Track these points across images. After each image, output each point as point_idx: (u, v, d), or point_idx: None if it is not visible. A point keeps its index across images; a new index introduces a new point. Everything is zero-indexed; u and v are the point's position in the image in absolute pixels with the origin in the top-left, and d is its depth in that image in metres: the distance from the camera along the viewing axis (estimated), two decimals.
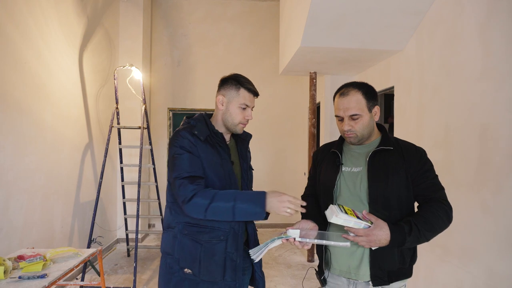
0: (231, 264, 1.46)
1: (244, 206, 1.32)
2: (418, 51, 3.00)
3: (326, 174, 1.56)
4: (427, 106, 2.85)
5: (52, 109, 3.25)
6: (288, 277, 3.87)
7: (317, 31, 3.08)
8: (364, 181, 1.43)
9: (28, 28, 2.87)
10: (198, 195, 1.35)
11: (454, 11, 2.52)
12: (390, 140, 1.49)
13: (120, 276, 3.85)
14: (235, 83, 1.54)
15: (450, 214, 1.37)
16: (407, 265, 1.43)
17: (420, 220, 1.31)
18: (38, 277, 1.83)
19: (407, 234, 1.27)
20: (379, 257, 1.38)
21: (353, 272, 1.44)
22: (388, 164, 1.42)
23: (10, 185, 2.66)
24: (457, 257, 2.46)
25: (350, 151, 1.56)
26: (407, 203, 1.41)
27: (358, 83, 1.49)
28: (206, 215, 1.34)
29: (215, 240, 1.45)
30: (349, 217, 1.25)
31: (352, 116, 1.43)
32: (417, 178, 1.40)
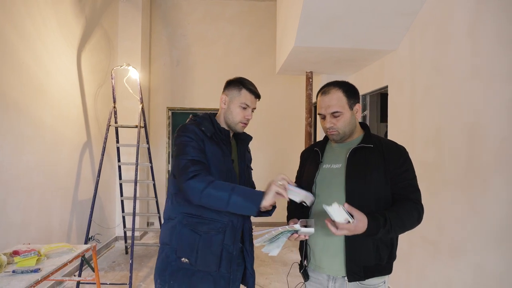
0: (227, 256, 1.51)
1: (239, 199, 1.36)
2: (411, 51, 3.03)
3: (308, 172, 1.61)
4: (419, 105, 2.88)
5: (51, 108, 3.30)
6: (284, 274, 3.91)
7: (310, 31, 3.11)
8: (342, 178, 1.46)
9: (26, 29, 2.93)
10: (199, 177, 1.38)
11: (444, 12, 2.55)
12: (372, 138, 1.52)
13: (117, 273, 3.90)
14: (238, 84, 1.64)
15: (422, 215, 1.42)
16: (384, 261, 1.45)
17: (393, 215, 1.34)
18: (31, 271, 1.88)
19: (381, 226, 1.31)
20: (354, 252, 1.41)
21: (329, 268, 1.48)
22: (367, 161, 1.45)
23: (8, 183, 2.71)
24: (446, 255, 2.49)
25: (332, 149, 1.60)
26: (384, 201, 1.43)
27: (339, 81, 1.53)
28: (201, 198, 1.37)
29: (213, 231, 1.50)
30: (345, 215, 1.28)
31: (333, 113, 1.47)
32: (395, 177, 1.43)
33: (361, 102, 1.33)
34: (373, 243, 1.41)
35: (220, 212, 1.49)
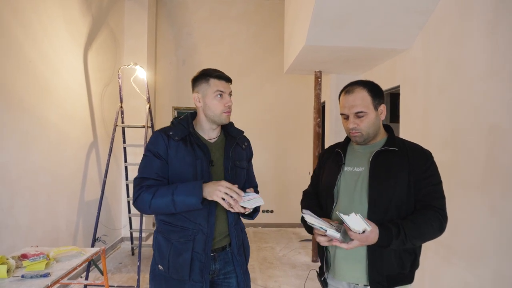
0: (199, 265, 1.47)
1: (181, 197, 1.38)
2: (425, 50, 2.96)
3: (328, 174, 1.55)
4: (434, 105, 2.81)
5: (57, 108, 3.26)
6: (293, 277, 3.86)
7: (322, 29, 3.05)
8: (364, 182, 1.40)
9: (32, 27, 2.88)
10: (142, 194, 1.43)
11: (461, 10, 2.48)
12: (396, 141, 1.46)
13: (124, 275, 3.86)
14: (204, 76, 1.56)
15: (444, 225, 1.36)
16: (407, 270, 1.40)
17: (409, 225, 1.29)
18: (40, 276, 1.84)
19: (394, 237, 1.26)
20: (377, 261, 1.36)
21: (351, 276, 1.42)
22: (391, 165, 1.39)
23: (14, 183, 2.67)
24: (463, 259, 2.42)
25: (354, 151, 1.54)
26: (406, 207, 1.37)
27: (364, 81, 1.47)
28: (150, 208, 1.42)
29: (183, 239, 1.48)
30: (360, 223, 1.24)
31: (357, 113, 1.41)
32: (419, 182, 1.37)
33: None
34: (395, 250, 1.35)
35: (187, 219, 1.48)
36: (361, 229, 1.23)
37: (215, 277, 1.58)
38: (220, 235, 1.56)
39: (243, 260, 1.63)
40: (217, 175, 1.55)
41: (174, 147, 1.50)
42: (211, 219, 1.49)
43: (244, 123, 5.84)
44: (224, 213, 1.56)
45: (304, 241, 5.21)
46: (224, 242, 1.58)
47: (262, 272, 3.98)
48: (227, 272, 1.59)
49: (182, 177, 1.48)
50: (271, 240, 5.33)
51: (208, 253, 1.49)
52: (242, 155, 1.67)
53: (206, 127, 1.60)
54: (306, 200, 1.65)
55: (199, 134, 1.59)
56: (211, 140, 1.61)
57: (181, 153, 1.49)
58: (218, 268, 1.57)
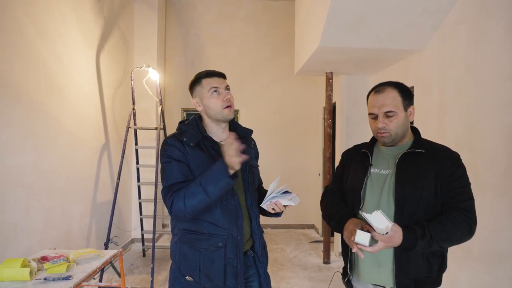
0: (232, 270, 1.46)
1: (212, 185, 1.34)
2: (440, 51, 2.95)
3: (355, 175, 1.53)
4: (449, 106, 2.79)
5: (70, 110, 3.27)
6: (305, 279, 3.84)
7: (336, 31, 3.04)
8: (391, 184, 1.40)
9: (48, 31, 2.89)
10: (175, 201, 1.38)
11: (479, 10, 2.46)
12: (423, 142, 1.45)
13: (136, 276, 3.87)
14: (196, 80, 1.55)
15: (473, 227, 1.33)
16: (435, 273, 1.38)
17: (436, 226, 1.28)
18: (63, 279, 1.84)
19: (419, 237, 1.25)
20: (405, 264, 1.35)
21: (377, 278, 1.41)
22: (418, 167, 1.38)
23: (30, 186, 2.68)
24: (481, 262, 2.40)
25: (380, 152, 1.53)
26: (434, 209, 1.36)
27: (394, 82, 1.47)
28: (187, 213, 1.37)
29: (213, 247, 1.45)
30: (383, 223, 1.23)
31: (387, 113, 1.39)
32: (446, 184, 1.36)
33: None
34: (423, 253, 1.34)
35: (216, 225, 1.44)
36: (384, 227, 1.22)
37: None
38: (244, 239, 1.54)
39: (266, 261, 1.63)
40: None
41: (192, 154, 1.46)
42: (239, 221, 1.48)
43: (253, 124, 5.85)
44: (247, 217, 1.55)
45: (314, 243, 5.20)
46: (247, 246, 1.57)
47: (274, 273, 3.98)
48: (249, 276, 1.58)
49: None
50: (281, 241, 5.32)
51: (240, 256, 1.48)
52: (252, 154, 1.66)
53: (214, 129, 1.57)
54: (329, 197, 1.62)
55: (210, 138, 1.56)
56: (222, 142, 1.58)
57: (200, 160, 1.46)
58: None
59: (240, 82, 5.83)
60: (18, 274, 1.81)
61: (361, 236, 1.25)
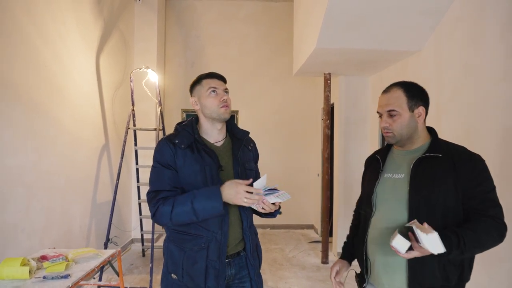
0: (214, 272, 1.47)
1: (201, 204, 1.37)
2: (437, 52, 2.97)
3: (369, 181, 1.53)
4: (446, 107, 2.81)
5: (70, 111, 3.30)
6: (303, 278, 3.86)
7: (334, 32, 3.07)
8: (404, 189, 1.35)
9: (48, 32, 2.92)
10: (161, 207, 1.42)
11: (475, 11, 2.48)
12: (440, 145, 1.39)
13: (136, 276, 3.89)
14: (197, 80, 1.60)
15: (504, 233, 1.28)
16: (453, 283, 1.31)
17: (469, 234, 1.22)
18: (61, 277, 1.87)
19: (454, 246, 1.19)
20: (419, 272, 1.30)
21: (389, 284, 1.38)
22: (434, 172, 1.32)
23: (31, 186, 2.71)
24: (479, 262, 2.41)
25: (394, 156, 1.50)
26: (453, 217, 1.30)
27: (404, 82, 1.43)
28: (172, 220, 1.41)
29: (196, 247, 1.47)
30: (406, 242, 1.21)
31: (389, 112, 1.38)
32: (469, 190, 1.28)
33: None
34: (438, 261, 1.28)
35: (201, 227, 1.46)
36: (435, 251, 1.15)
37: (230, 282, 1.59)
38: (235, 241, 1.55)
39: (257, 264, 1.63)
40: (227, 180, 1.52)
41: (182, 156, 1.48)
42: (225, 226, 1.48)
43: (253, 124, 5.92)
44: (239, 218, 1.56)
45: (313, 243, 5.22)
46: (239, 248, 1.58)
47: (272, 273, 4.00)
48: (242, 277, 1.59)
49: (192, 185, 1.47)
50: (280, 241, 5.34)
51: (223, 260, 1.49)
52: (249, 157, 1.67)
53: (210, 129, 1.58)
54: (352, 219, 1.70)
55: (205, 139, 1.58)
56: (217, 143, 1.60)
57: (189, 161, 1.48)
58: (234, 273, 1.57)
59: (240, 83, 5.86)
60: (18, 272, 1.83)
61: (400, 242, 1.20)
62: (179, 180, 1.49)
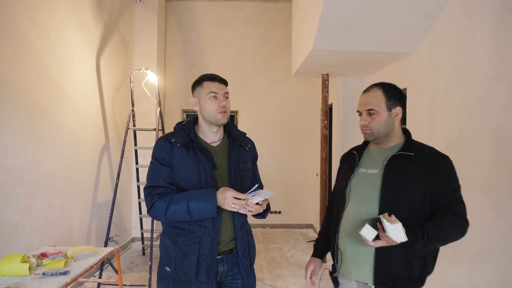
0: (205, 266, 1.52)
1: (196, 204, 1.44)
2: (431, 53, 3.00)
3: (343, 175, 1.61)
4: (440, 108, 2.85)
5: (71, 112, 3.36)
6: (300, 277, 3.91)
7: (329, 34, 3.11)
8: (377, 184, 1.43)
9: (48, 34, 2.98)
10: (157, 203, 1.49)
11: (467, 13, 2.52)
12: (413, 145, 1.47)
13: (135, 274, 3.95)
14: (199, 81, 1.62)
15: (466, 228, 1.37)
16: (416, 274, 1.41)
17: (433, 229, 1.31)
18: (60, 274, 1.92)
19: (419, 238, 1.28)
20: (383, 262, 1.39)
21: (357, 275, 1.46)
22: (406, 170, 1.40)
23: (31, 186, 2.77)
24: (469, 260, 2.46)
25: (370, 153, 1.58)
26: (419, 212, 1.39)
27: (383, 82, 1.52)
28: (167, 216, 1.48)
29: (189, 242, 1.53)
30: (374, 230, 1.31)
31: (369, 110, 1.47)
32: (437, 188, 1.37)
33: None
34: (404, 254, 1.37)
35: (195, 222, 1.52)
36: (398, 240, 1.25)
37: (223, 278, 1.64)
38: (227, 238, 1.60)
39: (248, 262, 1.67)
40: (221, 179, 1.59)
41: (178, 154, 1.55)
42: (217, 222, 1.54)
43: (252, 125, 5.97)
44: (231, 216, 1.61)
45: (312, 242, 5.26)
46: (232, 245, 1.62)
47: (270, 272, 4.04)
48: (234, 274, 1.64)
49: (187, 183, 1.54)
50: (279, 240, 5.39)
51: (214, 255, 1.54)
52: (246, 157, 1.70)
53: (207, 130, 1.64)
54: (324, 217, 1.77)
55: (201, 139, 1.64)
56: (214, 143, 1.65)
57: (185, 159, 1.54)
58: (226, 269, 1.62)
59: (240, 84, 5.91)
60: (18, 269, 1.89)
61: (367, 231, 1.31)
62: (175, 177, 1.55)
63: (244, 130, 1.78)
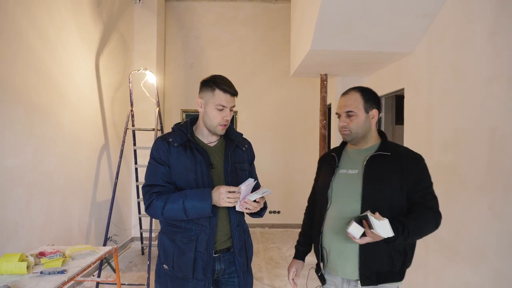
0: (202, 264, 1.55)
1: (192, 203, 1.46)
2: (428, 53, 3.01)
3: (324, 176, 1.66)
4: (437, 108, 2.86)
5: (70, 112, 3.38)
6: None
7: (327, 34, 3.12)
8: (358, 183, 1.50)
9: (48, 35, 3.00)
10: (154, 201, 1.52)
11: (464, 14, 2.53)
12: (389, 146, 1.56)
13: (134, 273, 3.96)
14: (211, 84, 1.58)
15: (440, 221, 1.47)
16: (397, 268, 1.49)
17: (412, 223, 1.40)
18: (58, 273, 1.94)
19: (400, 234, 1.37)
20: (368, 258, 1.46)
21: (343, 271, 1.52)
22: (384, 169, 1.49)
23: (31, 185, 2.79)
24: (465, 259, 2.47)
25: (348, 154, 1.65)
26: (398, 209, 1.47)
27: (361, 86, 1.60)
28: (163, 214, 1.51)
29: (186, 239, 1.56)
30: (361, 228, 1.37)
31: (348, 112, 1.54)
32: (413, 186, 1.47)
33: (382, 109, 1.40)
34: (386, 249, 1.45)
35: (191, 221, 1.55)
36: (385, 235, 1.32)
37: (220, 276, 1.66)
38: (224, 237, 1.63)
39: (244, 261, 1.69)
40: (218, 178, 1.62)
41: (175, 153, 1.57)
42: (213, 220, 1.56)
43: (252, 125, 5.98)
44: (227, 215, 1.63)
45: None
46: (229, 243, 1.65)
47: (268, 271, 4.06)
48: (231, 272, 1.67)
49: (184, 182, 1.56)
50: (278, 240, 5.40)
51: (211, 252, 1.57)
52: (243, 158, 1.72)
53: (205, 132, 1.66)
54: (304, 217, 1.85)
55: (198, 139, 1.66)
56: (211, 144, 1.68)
57: (182, 159, 1.57)
58: (223, 267, 1.64)
59: (240, 84, 5.85)
60: (16, 268, 1.90)
61: (355, 229, 1.36)
62: (172, 176, 1.58)
63: (243, 130, 1.81)
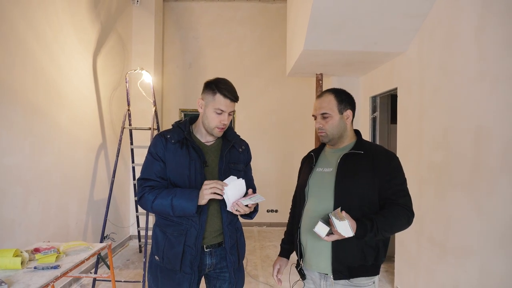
0: (190, 258, 1.61)
1: (178, 201, 1.52)
2: (419, 53, 3.05)
3: (303, 175, 1.73)
4: (428, 107, 2.89)
5: (68, 112, 3.43)
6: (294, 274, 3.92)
7: (319, 34, 3.15)
8: (332, 181, 1.56)
9: (45, 36, 3.06)
10: (146, 194, 1.59)
11: (451, 14, 2.57)
12: (363, 144, 1.62)
13: (131, 271, 4.02)
14: (213, 88, 1.62)
15: (411, 218, 1.52)
16: (370, 263, 1.53)
17: (381, 220, 1.44)
18: (51, 268, 1.98)
19: (368, 230, 1.42)
20: (340, 253, 1.52)
21: (317, 266, 1.57)
22: (357, 167, 1.54)
23: (28, 184, 2.84)
24: (454, 256, 2.50)
25: (325, 154, 1.71)
26: (370, 205, 1.52)
27: (334, 88, 1.67)
28: (152, 208, 1.57)
29: (176, 233, 1.62)
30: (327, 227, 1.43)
31: (322, 114, 1.59)
32: (385, 183, 1.51)
33: (357, 108, 1.46)
34: (358, 244, 1.50)
35: (183, 216, 1.59)
36: (346, 234, 1.38)
37: (211, 271, 1.71)
38: (215, 232, 1.67)
39: (236, 259, 1.73)
40: (212, 176, 1.66)
41: (172, 150, 1.63)
42: (202, 217, 1.61)
43: (250, 125, 6.03)
44: (218, 212, 1.67)
45: None
46: (220, 239, 1.69)
47: (264, 269, 4.10)
48: (222, 267, 1.71)
49: (178, 177, 1.62)
50: (275, 239, 5.44)
51: (199, 247, 1.62)
52: (238, 158, 1.76)
53: (203, 131, 1.71)
54: (289, 217, 1.87)
55: (196, 137, 1.72)
56: (207, 143, 1.73)
57: (178, 155, 1.63)
58: (215, 262, 1.69)
59: (237, 84, 5.81)
60: (10, 263, 1.95)
61: (320, 228, 1.42)
62: (167, 172, 1.64)
63: (241, 130, 1.87)
